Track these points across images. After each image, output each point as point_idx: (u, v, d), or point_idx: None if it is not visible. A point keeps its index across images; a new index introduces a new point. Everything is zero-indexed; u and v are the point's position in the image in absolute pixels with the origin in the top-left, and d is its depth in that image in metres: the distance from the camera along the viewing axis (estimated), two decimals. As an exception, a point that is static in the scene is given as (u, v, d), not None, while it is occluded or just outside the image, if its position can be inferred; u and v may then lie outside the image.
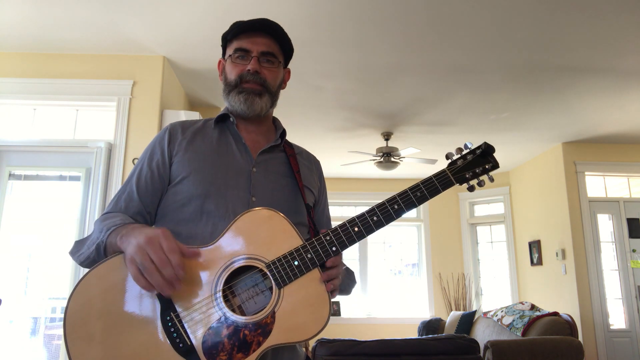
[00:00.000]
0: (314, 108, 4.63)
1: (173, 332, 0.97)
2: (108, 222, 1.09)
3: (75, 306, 0.97)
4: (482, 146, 1.12)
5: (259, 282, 1.03)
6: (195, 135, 1.25)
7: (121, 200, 1.20)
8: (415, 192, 1.09)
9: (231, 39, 1.26)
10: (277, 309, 1.00)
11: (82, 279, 0.99)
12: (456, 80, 4.02)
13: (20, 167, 3.48)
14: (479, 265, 7.16)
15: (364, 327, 6.58)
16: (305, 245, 1.04)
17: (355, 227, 1.06)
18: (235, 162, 1.21)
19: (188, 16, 3.08)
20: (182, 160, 1.20)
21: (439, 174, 1.11)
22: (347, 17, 3.10)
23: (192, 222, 1.14)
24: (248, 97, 1.22)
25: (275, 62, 1.26)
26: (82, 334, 0.96)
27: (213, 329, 0.98)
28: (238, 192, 1.17)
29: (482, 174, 1.12)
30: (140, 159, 1.25)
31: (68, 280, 3.29)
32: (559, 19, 3.10)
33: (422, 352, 3.13)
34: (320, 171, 1.41)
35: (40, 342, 3.30)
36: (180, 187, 1.18)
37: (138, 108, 3.51)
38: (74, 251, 1.14)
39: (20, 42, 3.41)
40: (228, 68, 1.26)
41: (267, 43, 1.24)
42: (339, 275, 1.07)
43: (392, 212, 1.07)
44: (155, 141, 1.26)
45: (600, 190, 5.71)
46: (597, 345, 5.12)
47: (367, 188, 7.26)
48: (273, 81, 1.26)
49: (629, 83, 4.05)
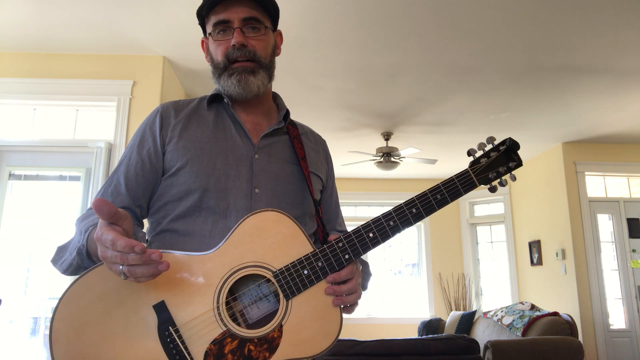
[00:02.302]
0: (314, 108, 4.63)
1: (172, 347, 0.88)
2: (86, 222, 0.99)
3: (61, 319, 0.87)
4: (506, 142, 1.01)
5: (264, 292, 0.95)
6: (190, 119, 1.12)
7: (107, 194, 1.07)
8: (435, 194, 0.98)
9: (207, 13, 1.11)
10: (284, 322, 0.92)
11: (69, 288, 0.89)
12: (456, 80, 4.02)
13: (20, 167, 3.48)
14: (479, 265, 7.16)
15: (364, 327, 6.58)
16: (317, 253, 0.95)
17: (370, 233, 0.96)
18: (235, 148, 1.09)
19: (188, 16, 3.08)
20: (176, 148, 1.07)
21: (462, 174, 1.00)
22: (348, 17, 3.10)
23: (189, 218, 1.04)
24: (241, 78, 1.07)
25: (261, 28, 1.10)
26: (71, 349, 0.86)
27: (215, 344, 0.89)
28: (240, 184, 1.06)
29: (505, 173, 1.01)
30: (129, 146, 1.11)
31: (68, 280, 3.29)
32: (559, 19, 3.10)
33: (422, 352, 3.13)
34: (328, 152, 1.29)
35: (40, 342, 3.30)
36: (175, 179, 1.06)
37: (138, 108, 3.51)
38: (55, 259, 1.02)
39: (20, 42, 3.41)
40: (212, 47, 1.12)
41: (246, 9, 1.08)
42: (353, 290, 0.96)
43: (410, 217, 0.97)
44: (145, 125, 1.12)
45: (600, 190, 5.70)
46: (597, 345, 5.12)
47: (367, 188, 7.26)
48: (263, 51, 1.11)
49: (628, 83, 4.05)
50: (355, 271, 0.98)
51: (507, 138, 1.02)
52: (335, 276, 0.95)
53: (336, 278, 0.95)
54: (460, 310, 6.74)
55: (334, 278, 0.95)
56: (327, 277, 0.95)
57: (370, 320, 6.86)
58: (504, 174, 1.01)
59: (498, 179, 1.02)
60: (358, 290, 0.98)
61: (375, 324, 6.80)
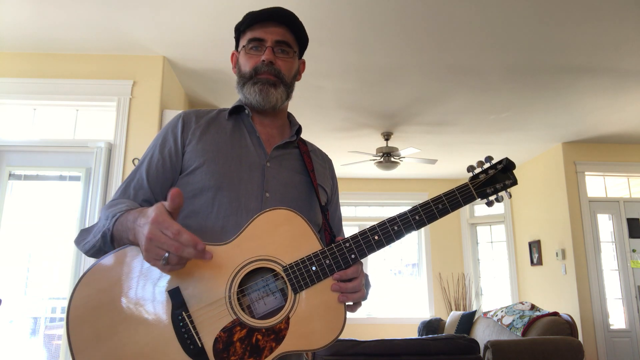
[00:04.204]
0: (314, 108, 4.63)
1: (184, 332, 0.93)
2: (114, 209, 1.05)
3: (80, 298, 0.92)
4: (503, 161, 1.10)
5: (274, 286, 1.00)
6: (210, 125, 1.21)
7: (130, 187, 1.15)
8: (437, 204, 1.06)
9: (244, 29, 1.22)
10: (291, 315, 0.97)
11: (88, 270, 0.94)
12: (456, 80, 4.02)
13: (20, 167, 3.48)
14: (479, 265, 7.17)
15: (364, 327, 6.58)
16: (325, 251, 1.01)
17: (376, 236, 1.03)
18: (249, 155, 1.18)
19: (188, 16, 3.08)
20: (195, 149, 1.16)
21: (462, 187, 1.08)
22: (347, 17, 3.10)
23: (202, 214, 1.10)
24: (263, 88, 1.18)
25: (290, 52, 1.22)
26: (86, 329, 0.91)
27: (225, 331, 0.94)
28: (252, 187, 1.13)
29: (501, 190, 1.10)
30: (152, 145, 1.21)
31: (68, 280, 3.29)
32: (559, 20, 3.10)
33: (422, 352, 3.13)
34: (333, 170, 1.39)
35: (40, 342, 3.30)
36: (192, 177, 1.13)
37: (138, 108, 3.51)
38: (79, 240, 1.10)
39: (20, 42, 3.41)
40: (242, 60, 1.22)
41: (281, 32, 1.20)
42: (358, 289, 1.02)
43: (413, 223, 1.05)
44: (168, 128, 1.22)
45: (600, 190, 5.71)
46: (597, 345, 5.12)
47: (367, 188, 7.26)
48: (288, 72, 1.22)
49: (628, 83, 4.05)
50: (360, 271, 1.04)
51: (504, 158, 1.11)
52: (342, 274, 1.01)
53: (342, 276, 1.01)
54: (460, 310, 6.74)
55: (340, 275, 1.01)
56: (334, 275, 1.00)
57: (370, 320, 6.86)
58: (500, 191, 1.10)
59: (495, 195, 1.10)
60: (362, 289, 1.03)
61: (375, 324, 6.80)
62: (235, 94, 1.26)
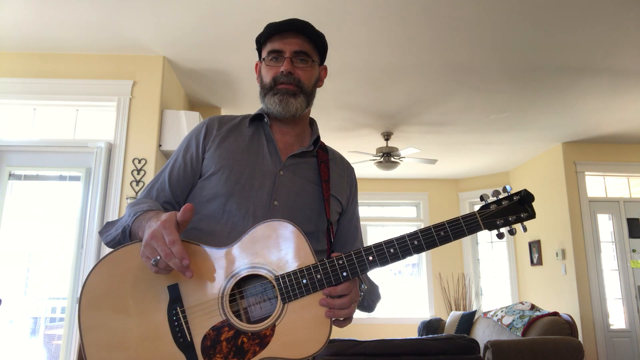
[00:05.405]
0: (314, 108, 4.60)
1: (176, 325, 0.99)
2: (136, 207, 1.12)
3: (90, 284, 1.00)
4: (521, 193, 1.06)
5: (267, 292, 1.04)
6: (230, 133, 1.27)
7: (153, 189, 1.23)
8: (439, 231, 1.03)
9: (264, 41, 1.27)
10: (277, 323, 1.00)
11: (102, 259, 1.03)
12: (456, 80, 4.02)
13: (20, 167, 3.48)
14: (479, 265, 7.17)
15: (364, 327, 6.58)
16: (317, 265, 1.03)
17: (370, 257, 1.03)
18: (263, 163, 1.22)
19: (188, 16, 3.08)
20: (213, 156, 1.22)
21: (468, 216, 1.04)
22: (347, 17, 3.10)
23: (213, 219, 1.16)
24: (283, 98, 1.21)
25: (308, 61, 1.26)
26: (95, 312, 0.99)
27: (214, 330, 0.99)
28: (261, 194, 1.17)
29: (515, 222, 1.04)
30: (177, 149, 1.28)
31: (68, 280, 3.29)
32: (558, 20, 3.10)
33: (422, 352, 3.13)
34: (353, 179, 1.39)
35: (40, 342, 3.30)
36: (207, 182, 1.20)
37: (138, 108, 3.51)
38: (103, 231, 1.18)
39: (20, 42, 3.41)
40: (263, 71, 1.27)
41: (299, 42, 1.24)
42: (346, 306, 1.02)
43: (410, 248, 1.03)
44: (192, 133, 1.28)
45: (600, 190, 5.70)
46: (597, 345, 5.12)
47: (367, 188, 7.26)
48: (307, 80, 1.26)
49: (628, 83, 4.05)
50: (352, 289, 1.03)
51: (523, 189, 1.06)
52: (332, 289, 1.02)
53: (332, 292, 1.02)
54: (460, 310, 6.73)
55: (329, 291, 1.02)
56: (324, 290, 1.02)
57: (370, 320, 6.86)
58: (513, 223, 1.05)
59: (507, 226, 1.05)
60: (351, 307, 1.03)
61: (375, 324, 6.80)
62: (235, 94, 1.27)
